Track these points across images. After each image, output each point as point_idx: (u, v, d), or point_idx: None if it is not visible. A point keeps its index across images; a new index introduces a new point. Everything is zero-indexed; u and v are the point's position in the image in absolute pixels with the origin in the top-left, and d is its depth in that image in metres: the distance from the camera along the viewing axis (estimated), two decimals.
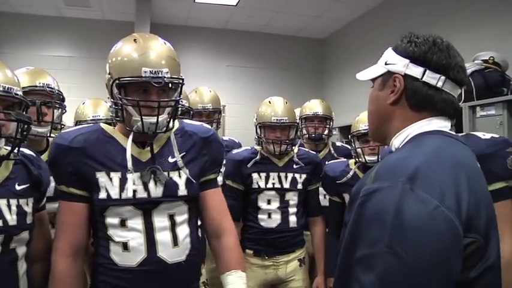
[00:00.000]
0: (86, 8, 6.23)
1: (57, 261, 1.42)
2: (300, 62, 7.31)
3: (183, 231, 1.50)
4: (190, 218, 1.54)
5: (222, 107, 6.51)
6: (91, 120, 2.62)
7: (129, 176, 1.43)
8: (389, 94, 1.06)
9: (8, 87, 1.37)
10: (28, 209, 1.43)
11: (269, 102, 2.64)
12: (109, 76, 1.46)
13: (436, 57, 1.02)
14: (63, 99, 2.05)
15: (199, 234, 2.03)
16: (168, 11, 6.22)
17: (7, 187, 1.40)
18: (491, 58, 3.42)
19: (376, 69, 1.13)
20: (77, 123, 2.63)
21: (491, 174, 1.67)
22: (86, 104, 2.74)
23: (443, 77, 1.02)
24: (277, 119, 2.49)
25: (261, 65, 7.25)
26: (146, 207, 1.45)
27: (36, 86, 1.91)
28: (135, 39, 1.48)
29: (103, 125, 1.55)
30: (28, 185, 1.46)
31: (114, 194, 1.42)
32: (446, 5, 4.60)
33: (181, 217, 1.51)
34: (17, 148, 1.40)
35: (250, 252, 2.43)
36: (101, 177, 1.43)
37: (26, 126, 1.41)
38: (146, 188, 1.45)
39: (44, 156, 1.91)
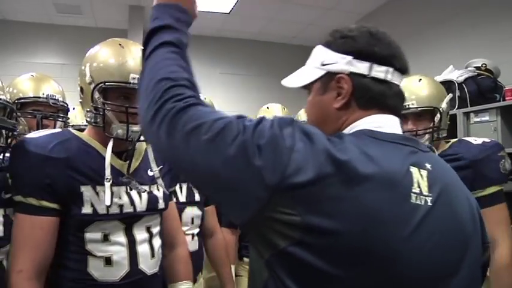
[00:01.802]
0: (78, 15, 6.18)
1: (21, 284, 1.26)
2: (294, 70, 7.07)
3: (157, 242, 1.53)
4: (160, 230, 1.57)
5: None
6: (84, 125, 2.62)
7: (107, 185, 1.35)
8: (336, 97, 0.94)
9: None
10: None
11: (267, 108, 2.70)
12: (90, 79, 1.40)
13: (378, 48, 0.93)
14: (67, 110, 2.00)
15: (197, 245, 2.04)
16: None
17: None
18: (483, 65, 3.45)
19: (311, 73, 1.01)
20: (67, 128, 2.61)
21: (486, 179, 1.73)
22: (76, 110, 2.75)
23: (391, 69, 0.93)
24: None
25: (255, 72, 7.23)
26: (130, 221, 1.44)
27: (40, 97, 1.85)
28: (120, 44, 1.45)
29: (74, 131, 1.47)
30: None
31: (101, 209, 1.36)
32: (436, 14, 4.63)
33: (156, 229, 1.53)
34: (1, 156, 1.33)
35: (248, 260, 2.40)
36: (86, 191, 1.35)
37: (10, 133, 1.34)
38: (132, 203, 1.43)
39: None
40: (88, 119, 1.44)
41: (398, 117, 0.96)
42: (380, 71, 0.92)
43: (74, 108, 2.81)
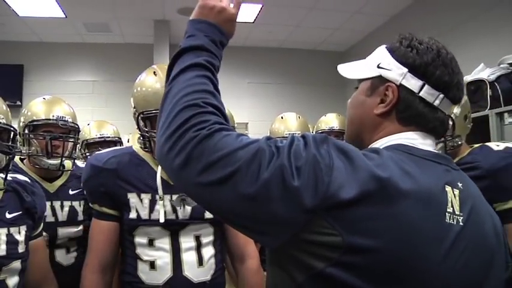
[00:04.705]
0: (107, 32, 6.37)
1: (86, 276, 1.48)
2: (322, 76, 7.20)
3: (208, 252, 1.54)
4: (215, 240, 1.58)
5: (245, 124, 6.59)
6: (98, 138, 2.81)
7: (161, 203, 1.47)
8: (379, 104, 0.92)
9: None
10: (20, 237, 1.40)
11: (281, 118, 2.66)
12: (134, 110, 1.57)
13: (440, 72, 0.88)
14: (77, 131, 2.08)
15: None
16: None
17: None
18: None
19: (366, 70, 0.97)
20: (82, 143, 2.76)
21: (508, 191, 1.53)
22: (90, 125, 2.93)
23: (441, 95, 0.88)
24: (289, 134, 2.50)
25: (283, 80, 7.21)
26: (174, 228, 1.49)
27: (50, 120, 1.94)
28: (154, 72, 1.57)
29: (135, 148, 1.60)
30: (20, 212, 1.43)
31: (144, 214, 1.47)
32: (465, 11, 4.47)
33: (207, 238, 1.55)
34: (2, 177, 1.38)
35: None
36: (132, 198, 1.48)
37: (7, 156, 1.38)
38: (174, 210, 1.49)
39: (59, 181, 1.98)
40: (141, 146, 1.60)
41: (437, 137, 0.94)
42: (430, 94, 0.88)
43: (88, 124, 2.95)
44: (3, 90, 5.71)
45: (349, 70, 1.03)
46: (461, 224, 0.82)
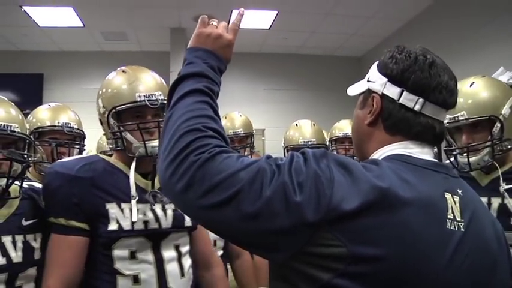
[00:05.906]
0: (124, 41, 6.46)
1: None
2: (338, 82, 7.07)
3: (187, 262, 1.52)
4: (190, 250, 1.56)
5: (261, 131, 6.60)
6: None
7: (133, 202, 1.40)
8: (367, 114, 0.96)
9: (3, 125, 1.35)
10: (36, 244, 1.42)
11: (296, 125, 2.65)
12: (103, 109, 1.48)
13: (415, 76, 0.90)
14: (83, 137, 2.10)
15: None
16: None
17: (13, 223, 1.38)
18: None
19: (360, 85, 1.03)
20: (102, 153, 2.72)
21: None
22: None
23: (421, 100, 0.90)
24: (304, 141, 2.50)
25: (299, 86, 7.19)
26: (156, 237, 1.44)
27: (55, 126, 1.96)
28: (123, 71, 1.53)
29: (102, 156, 1.53)
30: (36, 219, 1.44)
31: (127, 225, 1.39)
32: (484, 13, 4.38)
33: (185, 248, 1.53)
34: (18, 185, 1.39)
35: None
36: (111, 208, 1.39)
37: (22, 164, 1.39)
38: (157, 219, 1.45)
39: None
40: (110, 146, 1.51)
41: (429, 144, 0.94)
42: (410, 99, 0.91)
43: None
44: (24, 98, 5.85)
45: (351, 88, 1.07)
46: (462, 230, 0.84)
